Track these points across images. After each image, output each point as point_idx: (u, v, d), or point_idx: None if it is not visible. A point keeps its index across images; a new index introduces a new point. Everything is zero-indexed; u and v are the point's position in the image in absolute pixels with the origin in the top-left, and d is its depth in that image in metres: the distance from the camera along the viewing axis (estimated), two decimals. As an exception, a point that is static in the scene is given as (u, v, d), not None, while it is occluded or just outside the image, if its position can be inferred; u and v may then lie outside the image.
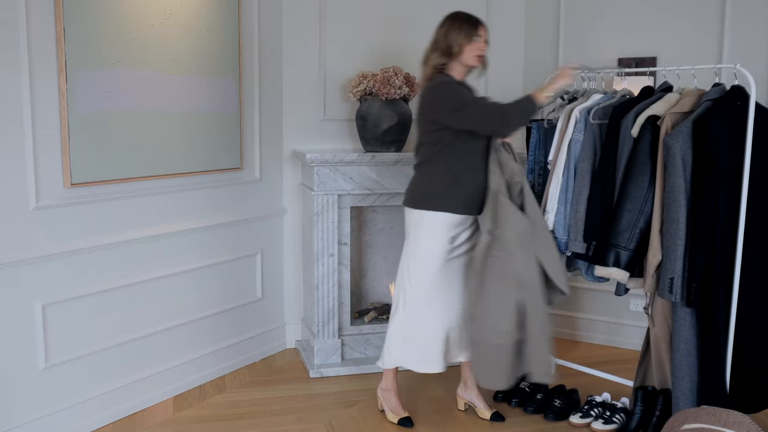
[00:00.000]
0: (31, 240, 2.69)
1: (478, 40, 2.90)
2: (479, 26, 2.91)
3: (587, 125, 2.95)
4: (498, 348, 2.80)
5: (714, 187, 2.60)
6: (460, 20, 2.92)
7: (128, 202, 3.05)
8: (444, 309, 2.97)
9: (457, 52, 2.89)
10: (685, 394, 2.74)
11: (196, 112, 3.30)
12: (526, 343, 2.79)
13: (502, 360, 2.81)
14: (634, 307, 3.93)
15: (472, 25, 2.91)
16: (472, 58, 2.91)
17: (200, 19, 3.27)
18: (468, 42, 2.89)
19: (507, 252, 2.77)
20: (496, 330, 2.79)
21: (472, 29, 2.90)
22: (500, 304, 2.78)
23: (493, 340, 2.80)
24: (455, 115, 2.80)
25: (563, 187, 3.01)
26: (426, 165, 2.93)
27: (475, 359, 2.95)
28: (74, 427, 2.89)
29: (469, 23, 2.91)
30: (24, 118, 2.63)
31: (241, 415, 3.14)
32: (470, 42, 2.89)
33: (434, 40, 2.95)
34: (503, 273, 2.77)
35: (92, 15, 2.80)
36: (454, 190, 2.87)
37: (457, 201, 2.87)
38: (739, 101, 2.66)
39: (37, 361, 2.75)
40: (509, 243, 2.77)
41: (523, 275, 2.76)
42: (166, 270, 3.25)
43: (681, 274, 2.65)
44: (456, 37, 2.89)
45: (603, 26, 3.93)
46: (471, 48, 2.90)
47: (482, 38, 2.92)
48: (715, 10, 3.63)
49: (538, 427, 3.08)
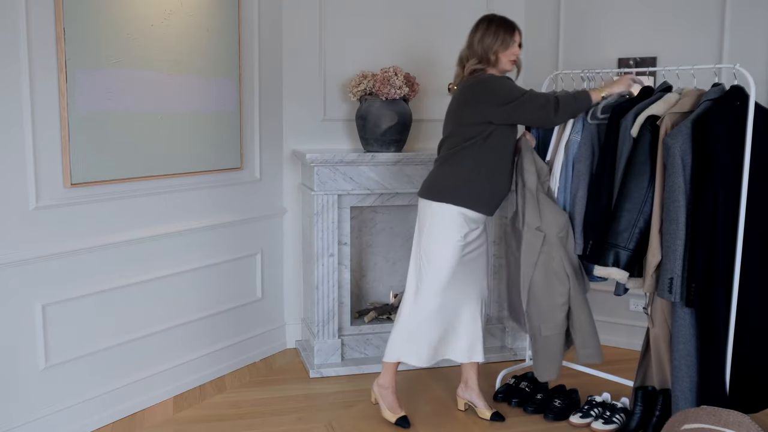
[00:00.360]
0: (31, 240, 2.69)
1: (514, 45, 2.92)
2: (515, 32, 2.93)
3: (585, 125, 2.96)
4: (551, 339, 2.99)
5: (713, 187, 2.60)
6: (496, 25, 2.92)
7: (128, 202, 3.05)
8: (453, 307, 3.00)
9: (494, 60, 2.92)
10: (685, 394, 2.74)
11: (196, 112, 3.30)
12: (573, 330, 2.99)
13: (556, 350, 3.01)
14: (634, 307, 3.93)
15: (508, 31, 2.91)
16: (508, 63, 2.94)
17: (200, 19, 3.27)
18: (504, 49, 2.90)
19: (550, 247, 2.92)
20: (548, 323, 2.97)
21: (507, 36, 2.91)
22: (550, 297, 2.95)
23: (546, 332, 2.97)
24: (507, 107, 2.83)
25: (561, 187, 3.02)
26: (453, 158, 2.92)
27: (535, 354, 3.07)
28: (74, 427, 2.89)
29: (505, 29, 2.91)
30: (24, 118, 2.63)
31: (241, 415, 3.14)
32: (506, 48, 2.90)
33: (469, 44, 2.96)
34: (550, 268, 2.93)
35: (92, 15, 2.80)
36: (479, 187, 2.90)
37: (479, 198, 2.91)
38: (738, 101, 2.66)
39: (37, 361, 2.75)
40: (552, 239, 2.91)
41: (567, 268, 2.92)
42: (166, 270, 3.25)
43: (680, 274, 2.65)
44: (492, 43, 2.90)
45: (603, 26, 3.93)
46: (506, 54, 2.92)
47: (517, 42, 2.94)
48: (715, 10, 3.63)
49: (538, 427, 3.08)
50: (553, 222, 2.92)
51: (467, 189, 2.89)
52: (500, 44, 2.89)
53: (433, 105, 3.91)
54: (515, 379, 3.39)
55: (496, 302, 3.91)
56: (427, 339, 3.00)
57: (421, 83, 3.76)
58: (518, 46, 2.94)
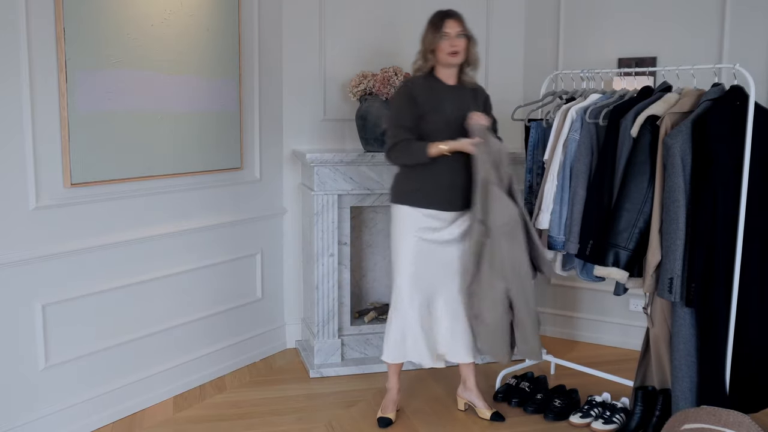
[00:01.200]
0: (31, 240, 2.69)
1: (446, 36, 2.82)
2: (446, 20, 2.82)
3: (584, 125, 2.96)
4: (494, 325, 2.89)
5: (713, 186, 2.60)
6: (431, 18, 2.88)
7: (128, 202, 3.05)
8: (426, 304, 2.99)
9: (432, 53, 2.85)
10: (685, 394, 2.74)
11: (196, 112, 3.30)
12: (515, 324, 2.90)
13: (500, 336, 2.90)
14: (634, 307, 3.93)
15: (438, 21, 2.83)
16: (445, 56, 2.84)
17: (200, 19, 3.27)
18: (439, 40, 2.83)
19: (493, 241, 2.82)
20: (490, 311, 2.88)
21: (437, 26, 2.82)
22: (491, 289, 2.86)
23: (489, 319, 2.89)
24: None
25: (560, 186, 3.02)
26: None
27: (476, 332, 3.00)
28: (74, 427, 2.89)
29: (436, 21, 2.85)
30: (24, 118, 2.63)
31: (241, 415, 3.14)
32: (441, 40, 2.83)
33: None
34: (491, 261, 2.83)
35: (92, 15, 2.80)
36: (416, 184, 2.92)
37: (420, 194, 2.91)
38: (738, 101, 2.66)
39: (37, 361, 2.75)
40: (495, 232, 2.80)
41: (509, 264, 2.81)
42: (166, 270, 3.25)
43: (680, 273, 2.65)
44: (426, 36, 2.86)
45: (603, 26, 3.93)
46: (441, 47, 2.84)
47: (451, 33, 2.83)
48: (714, 10, 3.63)
49: (538, 427, 3.08)
50: (499, 215, 2.78)
51: (407, 187, 2.94)
52: (433, 38, 2.83)
53: (433, 105, 3.91)
54: (515, 379, 3.39)
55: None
56: (417, 337, 3.00)
57: (421, 83, 3.76)
58: (456, 37, 2.83)
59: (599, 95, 3.08)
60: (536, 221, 3.10)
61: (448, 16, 2.86)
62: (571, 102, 3.14)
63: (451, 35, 2.84)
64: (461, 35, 2.86)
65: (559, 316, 4.23)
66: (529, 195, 3.31)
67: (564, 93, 3.30)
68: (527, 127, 3.34)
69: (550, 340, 4.14)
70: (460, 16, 2.90)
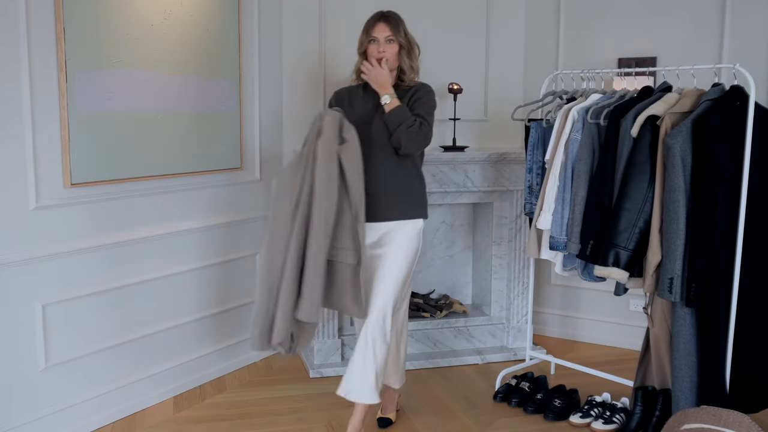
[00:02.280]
0: (31, 240, 2.69)
1: (375, 41, 2.69)
2: (377, 24, 2.68)
3: (585, 125, 2.96)
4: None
5: (713, 186, 2.60)
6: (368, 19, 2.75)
7: (128, 202, 3.05)
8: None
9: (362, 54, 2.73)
10: (685, 394, 2.74)
11: (196, 112, 3.30)
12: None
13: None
14: (634, 307, 3.93)
15: (370, 23, 2.70)
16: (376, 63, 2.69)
17: (200, 19, 3.27)
18: (367, 44, 2.71)
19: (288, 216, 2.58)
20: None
21: (367, 29, 2.70)
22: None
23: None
24: None
25: (561, 186, 3.02)
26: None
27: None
28: (74, 427, 2.89)
29: (368, 21, 2.71)
30: (24, 117, 2.63)
31: (241, 415, 3.14)
32: (370, 44, 2.71)
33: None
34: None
35: (92, 15, 2.80)
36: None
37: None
38: (738, 101, 2.66)
39: (37, 361, 2.75)
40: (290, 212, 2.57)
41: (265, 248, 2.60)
42: (166, 270, 3.25)
43: (680, 274, 2.65)
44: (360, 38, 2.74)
45: (603, 26, 3.93)
46: (370, 51, 2.71)
47: (380, 38, 2.68)
48: (715, 10, 3.63)
49: (538, 427, 3.08)
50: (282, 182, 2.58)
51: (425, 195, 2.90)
52: (364, 38, 2.71)
53: (433, 105, 3.91)
54: (515, 379, 3.39)
55: (496, 302, 3.91)
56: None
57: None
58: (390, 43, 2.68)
59: (600, 95, 3.08)
60: (538, 222, 3.09)
61: (381, 18, 2.71)
62: (572, 102, 3.14)
63: (380, 40, 2.69)
64: (390, 40, 2.70)
65: (559, 316, 4.23)
66: (529, 195, 3.31)
67: (564, 93, 3.30)
68: (527, 127, 3.34)
69: (550, 340, 4.15)
70: (394, 20, 2.73)
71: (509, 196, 3.83)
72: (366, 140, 2.65)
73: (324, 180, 2.51)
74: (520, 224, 3.85)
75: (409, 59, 2.76)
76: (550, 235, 3.07)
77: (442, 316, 3.87)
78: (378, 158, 2.70)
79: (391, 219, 2.73)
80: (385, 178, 2.71)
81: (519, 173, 3.76)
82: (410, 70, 2.76)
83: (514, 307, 3.91)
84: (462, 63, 3.95)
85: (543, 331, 4.25)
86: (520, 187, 3.78)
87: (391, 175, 2.72)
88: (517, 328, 3.92)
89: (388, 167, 2.72)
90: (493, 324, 3.92)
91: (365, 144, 2.63)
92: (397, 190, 2.74)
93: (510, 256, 3.88)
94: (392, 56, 2.71)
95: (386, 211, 2.72)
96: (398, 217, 2.74)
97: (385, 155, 2.71)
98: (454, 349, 3.86)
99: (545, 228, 3.07)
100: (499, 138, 4.03)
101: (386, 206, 2.71)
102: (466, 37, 3.97)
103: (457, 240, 4.12)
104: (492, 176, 3.75)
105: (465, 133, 3.94)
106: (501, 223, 3.84)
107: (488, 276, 3.92)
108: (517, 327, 3.92)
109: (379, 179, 2.69)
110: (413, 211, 2.77)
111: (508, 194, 3.82)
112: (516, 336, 3.92)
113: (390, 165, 2.72)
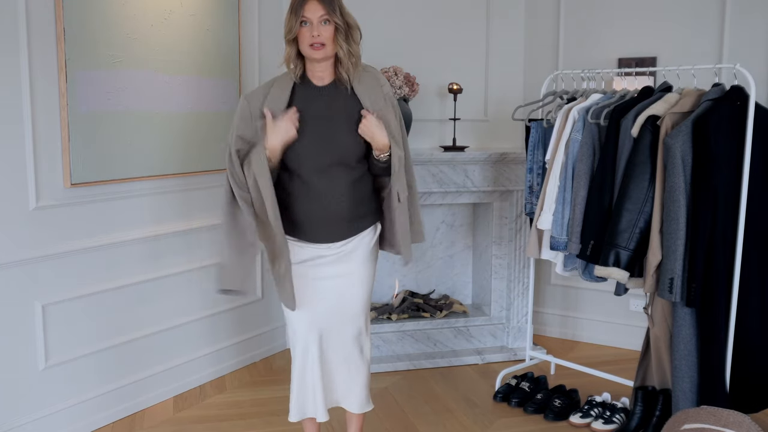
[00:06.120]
0: (31, 240, 2.69)
1: (307, 23, 2.16)
2: (306, 3, 2.15)
3: (585, 125, 2.96)
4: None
5: (714, 187, 2.60)
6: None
7: (128, 202, 3.05)
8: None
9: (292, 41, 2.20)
10: (685, 394, 2.74)
11: (197, 112, 3.30)
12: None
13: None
14: (634, 307, 3.93)
15: (296, 4, 2.17)
16: (307, 49, 2.19)
17: (200, 19, 3.27)
18: (300, 27, 2.17)
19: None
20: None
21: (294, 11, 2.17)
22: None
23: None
24: None
25: (561, 187, 3.02)
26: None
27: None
28: (74, 427, 2.89)
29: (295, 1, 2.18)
30: (24, 118, 2.63)
31: (241, 415, 3.14)
32: (302, 26, 2.17)
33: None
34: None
35: (92, 15, 2.80)
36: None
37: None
38: (738, 101, 2.66)
39: (37, 361, 2.75)
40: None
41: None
42: (166, 270, 3.25)
43: (681, 274, 2.65)
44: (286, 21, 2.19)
45: (603, 26, 3.93)
46: (302, 34, 2.18)
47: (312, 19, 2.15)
48: (715, 10, 3.63)
49: (538, 427, 3.08)
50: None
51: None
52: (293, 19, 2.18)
53: (433, 105, 3.91)
54: (515, 379, 3.39)
55: (496, 302, 3.91)
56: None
57: (421, 83, 3.75)
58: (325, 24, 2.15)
59: (600, 95, 3.08)
60: (538, 222, 3.09)
61: None
62: (573, 102, 3.14)
63: (313, 22, 2.16)
64: (326, 21, 2.17)
65: (559, 316, 4.23)
66: (530, 195, 3.31)
67: (564, 93, 3.29)
68: (527, 127, 3.34)
69: (551, 340, 4.15)
70: None
71: (509, 196, 3.83)
72: (324, 151, 2.26)
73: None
74: (520, 224, 3.85)
75: (347, 43, 2.22)
76: (550, 235, 3.07)
77: (442, 316, 3.87)
78: (337, 174, 2.30)
79: (353, 234, 2.40)
80: (348, 197, 2.32)
81: (519, 173, 3.76)
82: (348, 56, 2.23)
83: (514, 307, 3.91)
84: (462, 63, 3.95)
85: (543, 331, 4.24)
86: (520, 187, 3.78)
87: (349, 192, 2.33)
88: (517, 328, 3.92)
89: (348, 181, 2.32)
90: (493, 324, 3.92)
91: (322, 155, 2.26)
92: (357, 204, 2.36)
93: (510, 256, 3.88)
94: (329, 41, 2.19)
95: (348, 230, 2.38)
96: (360, 230, 2.41)
97: (345, 171, 2.31)
98: (454, 349, 3.86)
99: (546, 228, 3.07)
100: (499, 138, 4.03)
101: (348, 226, 2.37)
102: (466, 37, 3.97)
103: (457, 240, 4.12)
104: (492, 176, 3.75)
105: (465, 133, 3.94)
106: (501, 223, 3.84)
107: (488, 276, 3.92)
108: (517, 327, 3.92)
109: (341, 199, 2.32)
110: (370, 218, 2.44)
111: (508, 194, 3.82)
112: (516, 336, 3.92)
113: (349, 179, 2.32)
